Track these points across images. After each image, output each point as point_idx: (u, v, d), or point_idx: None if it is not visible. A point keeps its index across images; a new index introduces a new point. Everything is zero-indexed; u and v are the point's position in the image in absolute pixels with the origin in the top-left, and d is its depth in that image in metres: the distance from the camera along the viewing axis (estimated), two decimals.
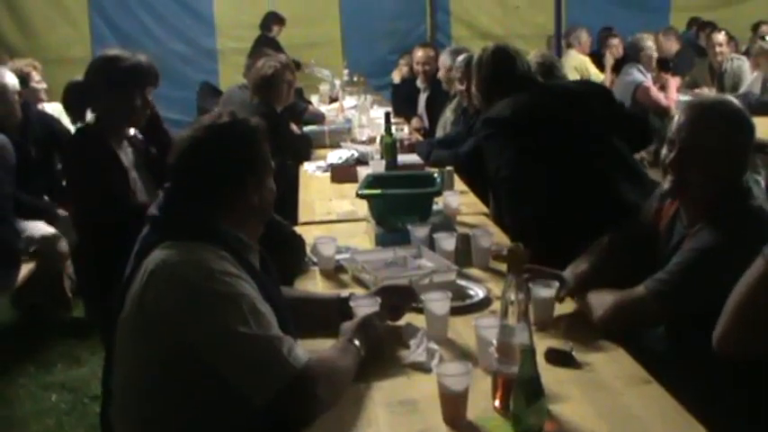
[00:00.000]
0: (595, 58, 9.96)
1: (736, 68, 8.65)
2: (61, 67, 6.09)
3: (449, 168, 4.67)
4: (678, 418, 2.11)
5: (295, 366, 2.09)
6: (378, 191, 3.84)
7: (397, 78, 9.35)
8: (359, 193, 3.82)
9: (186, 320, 2.10)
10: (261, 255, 2.42)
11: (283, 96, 5.79)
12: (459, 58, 5.73)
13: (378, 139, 5.57)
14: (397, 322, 2.68)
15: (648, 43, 8.43)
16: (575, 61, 9.39)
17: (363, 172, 4.60)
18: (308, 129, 6.57)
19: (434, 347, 2.49)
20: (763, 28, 10.77)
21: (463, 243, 3.41)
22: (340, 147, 5.91)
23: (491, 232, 3.50)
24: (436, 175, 4.12)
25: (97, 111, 3.54)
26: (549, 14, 8.20)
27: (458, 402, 2.09)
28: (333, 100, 8.90)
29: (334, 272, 3.33)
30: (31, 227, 5.24)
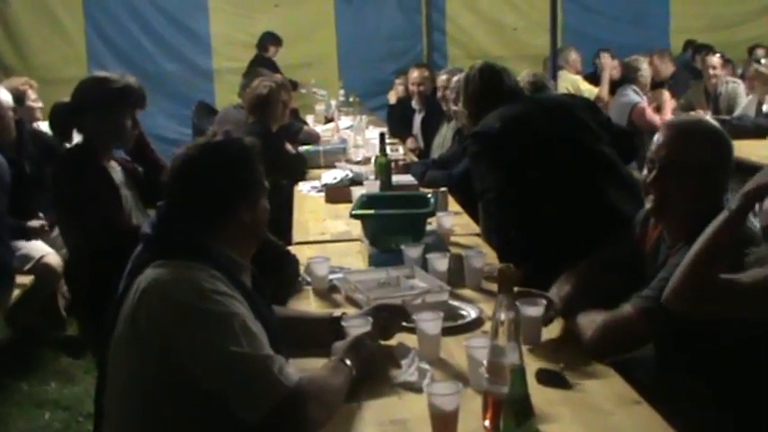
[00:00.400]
0: (590, 78, 10.02)
1: (731, 91, 8.71)
2: (57, 86, 6.07)
3: (443, 189, 4.69)
4: None
5: (286, 385, 2.11)
6: (371, 211, 3.86)
7: (392, 98, 9.38)
8: (353, 213, 3.85)
9: (178, 339, 2.11)
10: (252, 273, 2.44)
11: (278, 116, 5.83)
12: (455, 78, 5.76)
13: (372, 160, 5.60)
14: (389, 342, 2.69)
15: (644, 65, 8.47)
16: (566, 81, 9.44)
17: (358, 192, 4.62)
18: (303, 149, 6.58)
19: (426, 367, 2.50)
20: (759, 51, 10.84)
21: (456, 264, 3.42)
22: (335, 167, 5.93)
23: (484, 253, 3.51)
24: (430, 195, 4.14)
25: (86, 131, 3.57)
26: (546, 36, 8.22)
27: (448, 422, 2.10)
28: (328, 120, 8.93)
29: (327, 291, 3.35)
30: (26, 245, 5.25)
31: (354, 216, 3.84)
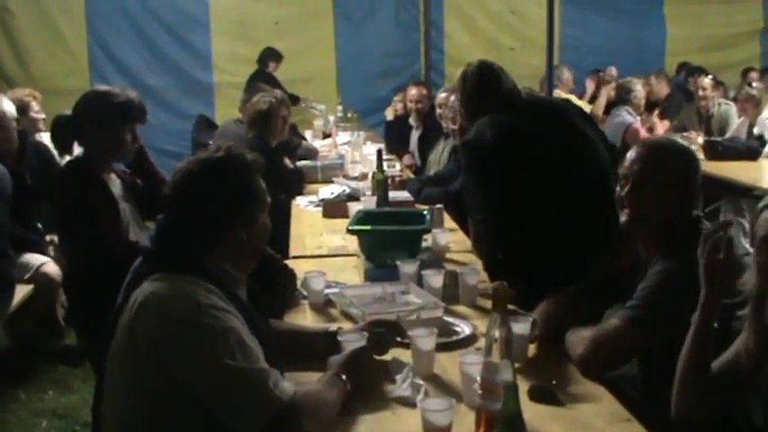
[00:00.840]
0: (580, 98, 10.06)
1: (723, 113, 8.75)
2: (58, 97, 6.09)
3: (438, 206, 4.71)
4: None
5: (281, 399, 2.11)
6: (368, 227, 3.87)
7: (390, 115, 9.39)
8: (349, 228, 3.85)
9: (174, 353, 2.11)
10: (249, 287, 2.44)
11: (278, 131, 5.83)
12: (453, 97, 5.77)
13: (369, 176, 5.61)
14: (384, 357, 2.70)
15: (638, 87, 8.50)
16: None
17: (354, 208, 4.62)
18: (301, 164, 6.60)
19: (420, 383, 2.50)
20: (752, 74, 10.90)
21: (451, 280, 3.43)
22: (332, 182, 5.95)
23: (478, 270, 3.51)
24: (426, 212, 4.15)
25: (86, 144, 3.58)
26: (543, 56, 8.25)
27: None
28: (326, 135, 8.94)
29: (323, 306, 3.35)
30: (26, 255, 5.25)
31: (351, 231, 3.85)
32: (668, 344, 2.51)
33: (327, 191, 5.55)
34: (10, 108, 5.23)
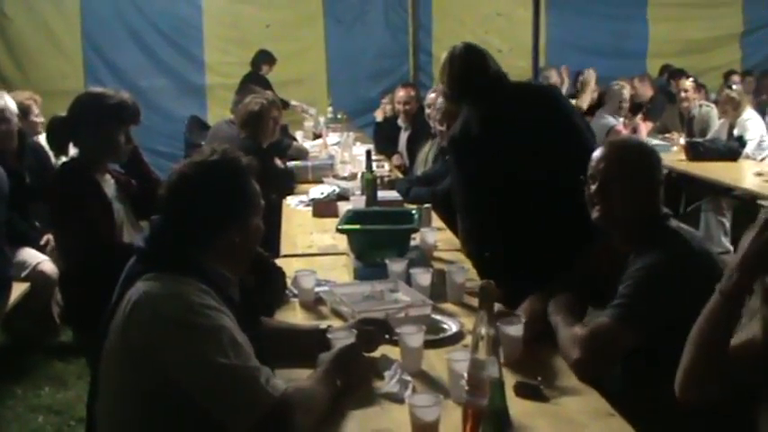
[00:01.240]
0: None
1: (704, 114, 8.78)
2: (54, 98, 6.08)
3: (426, 205, 4.71)
4: None
5: (273, 395, 2.11)
6: (357, 226, 3.87)
7: (379, 117, 9.39)
8: (339, 227, 3.85)
9: (167, 352, 2.11)
10: (241, 287, 2.43)
11: (269, 132, 5.83)
12: (440, 99, 5.76)
13: (359, 176, 5.61)
14: (373, 354, 2.70)
15: (622, 91, 8.53)
16: None
17: (344, 207, 4.62)
18: (291, 164, 6.59)
19: (408, 379, 2.51)
20: (734, 77, 10.94)
21: (438, 278, 3.43)
22: (322, 182, 5.94)
23: (466, 269, 3.51)
24: (414, 211, 4.15)
25: (81, 145, 3.57)
26: (530, 59, 8.27)
27: None
28: (317, 136, 8.94)
29: (313, 304, 3.34)
30: (23, 253, 5.25)
31: (341, 231, 3.85)
32: (653, 338, 2.52)
33: (318, 191, 5.54)
34: (12, 104, 5.25)
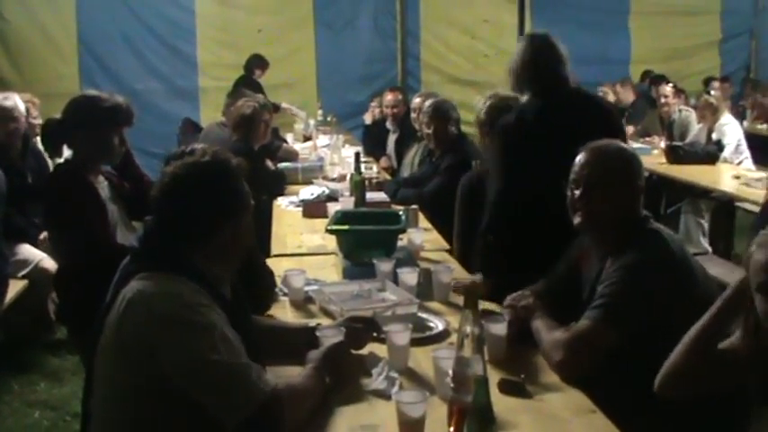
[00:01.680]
0: None
1: (684, 119, 8.81)
2: (51, 101, 6.06)
3: (414, 207, 4.71)
4: None
5: (264, 391, 2.11)
6: (346, 227, 3.88)
7: (368, 120, 9.39)
8: (328, 228, 3.86)
9: (161, 348, 2.10)
10: (233, 286, 2.43)
11: (261, 135, 5.83)
12: (427, 103, 5.77)
13: (348, 177, 5.61)
14: (361, 351, 2.70)
15: (605, 97, 8.54)
16: None
17: (333, 208, 4.62)
18: (282, 165, 6.58)
19: (395, 376, 2.51)
20: (714, 83, 10.98)
21: (425, 278, 3.44)
22: (312, 183, 5.94)
23: (452, 268, 3.52)
24: (401, 212, 4.16)
25: (75, 147, 3.55)
26: None
27: (415, 428, 2.11)
28: (307, 138, 8.94)
29: (303, 302, 3.34)
30: (24, 251, 5.25)
31: (330, 231, 3.85)
32: (634, 337, 2.53)
33: (307, 192, 5.54)
34: (21, 105, 5.26)
